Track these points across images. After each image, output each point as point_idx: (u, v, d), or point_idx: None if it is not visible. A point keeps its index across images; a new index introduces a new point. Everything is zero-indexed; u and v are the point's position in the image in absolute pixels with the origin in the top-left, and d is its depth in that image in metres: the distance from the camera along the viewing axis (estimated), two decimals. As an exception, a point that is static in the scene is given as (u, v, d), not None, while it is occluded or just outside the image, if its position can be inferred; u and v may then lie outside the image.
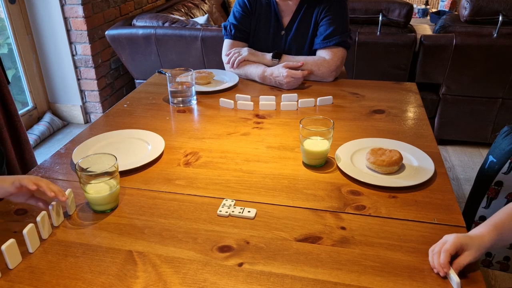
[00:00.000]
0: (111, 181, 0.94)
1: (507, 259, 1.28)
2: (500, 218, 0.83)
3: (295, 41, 1.68)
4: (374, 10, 2.50)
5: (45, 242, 0.86)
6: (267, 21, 1.70)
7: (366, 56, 2.45)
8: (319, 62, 1.62)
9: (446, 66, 2.41)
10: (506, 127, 1.26)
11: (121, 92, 3.30)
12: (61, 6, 2.73)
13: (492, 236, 0.79)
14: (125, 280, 0.77)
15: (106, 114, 1.46)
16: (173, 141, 1.25)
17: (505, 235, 0.81)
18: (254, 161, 1.14)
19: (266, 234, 0.88)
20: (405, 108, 1.46)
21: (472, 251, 0.76)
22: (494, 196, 1.23)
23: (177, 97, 1.50)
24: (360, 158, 1.13)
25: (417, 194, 0.99)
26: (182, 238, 0.87)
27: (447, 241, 0.78)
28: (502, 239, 0.80)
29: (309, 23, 1.65)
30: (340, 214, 0.93)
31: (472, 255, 0.76)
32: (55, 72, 2.98)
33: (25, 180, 0.87)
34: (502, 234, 0.80)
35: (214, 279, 0.77)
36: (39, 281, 0.77)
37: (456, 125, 2.62)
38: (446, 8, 4.39)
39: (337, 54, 1.61)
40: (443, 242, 0.79)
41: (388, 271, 0.78)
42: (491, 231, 0.80)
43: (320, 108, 1.47)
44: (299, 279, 0.76)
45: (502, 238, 0.80)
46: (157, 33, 2.61)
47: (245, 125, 1.35)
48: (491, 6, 2.36)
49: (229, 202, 0.97)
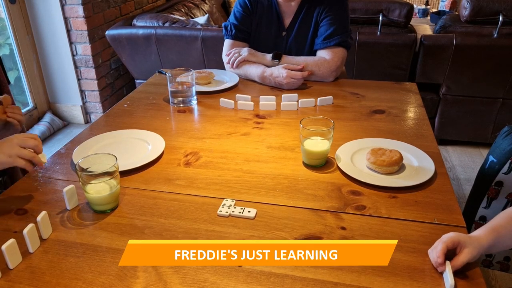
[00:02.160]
0: (111, 181, 0.94)
1: (507, 259, 1.28)
2: (498, 221, 0.83)
3: (296, 42, 1.68)
4: (374, 10, 2.50)
5: (45, 242, 0.86)
6: (268, 21, 1.70)
7: (366, 56, 2.45)
8: (320, 62, 1.62)
9: (446, 66, 2.41)
10: (506, 127, 1.25)
11: (121, 92, 3.30)
12: (61, 6, 2.73)
13: (489, 237, 0.79)
14: (125, 280, 0.77)
15: (106, 114, 1.46)
16: (173, 141, 1.25)
17: (503, 237, 0.81)
18: (254, 161, 1.14)
19: (266, 234, 0.88)
20: (406, 108, 1.46)
21: (470, 249, 0.76)
22: (494, 196, 1.23)
23: (177, 97, 1.50)
24: (360, 158, 1.13)
25: (417, 194, 0.99)
26: (182, 238, 0.87)
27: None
28: (500, 241, 0.80)
29: (310, 24, 1.65)
30: (340, 214, 0.93)
31: (470, 253, 0.76)
32: (56, 72, 2.98)
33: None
34: (500, 236, 0.80)
35: (214, 279, 0.77)
36: (39, 281, 0.77)
37: (457, 125, 2.62)
38: (446, 8, 4.39)
39: (338, 54, 1.61)
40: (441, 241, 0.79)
41: (388, 271, 0.78)
42: (489, 233, 0.80)
43: (320, 108, 1.47)
44: (299, 279, 0.76)
45: (500, 241, 0.80)
46: (157, 33, 2.61)
47: (245, 125, 1.35)
48: (491, 6, 2.36)
49: (229, 202, 0.97)
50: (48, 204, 0.98)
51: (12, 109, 1.16)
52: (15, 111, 1.17)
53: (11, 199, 1.00)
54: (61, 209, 0.96)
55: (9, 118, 1.15)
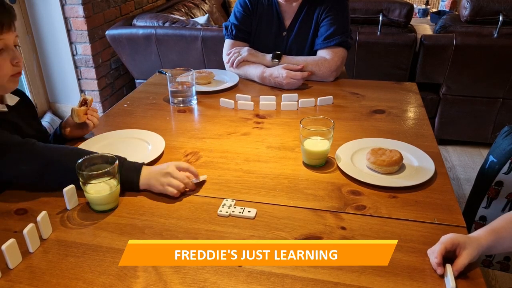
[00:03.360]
0: (111, 181, 0.94)
1: (507, 259, 1.28)
2: (499, 222, 0.83)
3: (296, 42, 1.68)
4: (374, 10, 2.50)
5: (45, 242, 0.86)
6: (268, 21, 1.70)
7: (366, 56, 2.45)
8: (320, 62, 1.62)
9: (446, 66, 2.41)
10: (506, 127, 1.25)
11: (121, 92, 3.30)
12: (61, 6, 2.73)
13: (489, 238, 0.79)
14: (126, 280, 0.77)
15: (106, 114, 1.46)
16: (173, 141, 1.25)
17: (503, 239, 0.81)
18: (254, 161, 1.14)
19: (267, 234, 0.88)
20: (406, 108, 1.46)
21: (470, 250, 0.76)
22: (494, 196, 1.23)
23: (177, 97, 1.50)
24: (361, 158, 1.12)
25: (417, 194, 0.99)
26: (182, 238, 0.87)
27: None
28: (500, 242, 0.80)
29: (310, 24, 1.65)
30: (340, 214, 0.93)
31: (470, 254, 0.76)
32: (56, 72, 2.98)
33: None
34: (500, 238, 0.80)
35: (215, 279, 0.77)
36: (39, 281, 0.77)
37: (457, 125, 2.62)
38: (446, 8, 4.38)
39: (338, 54, 1.61)
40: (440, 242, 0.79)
41: (388, 271, 0.78)
42: (489, 233, 0.80)
43: (320, 108, 1.47)
44: (299, 279, 0.76)
45: (500, 242, 0.80)
46: (158, 33, 2.61)
47: (245, 125, 1.35)
48: (491, 6, 2.36)
49: (229, 202, 0.97)
50: (48, 204, 0.98)
51: (92, 112, 1.25)
52: (93, 114, 1.26)
53: (11, 199, 1.00)
54: (61, 209, 0.96)
55: (88, 120, 1.24)
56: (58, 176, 0.98)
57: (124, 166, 0.99)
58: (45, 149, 1.00)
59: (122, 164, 0.99)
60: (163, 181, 0.99)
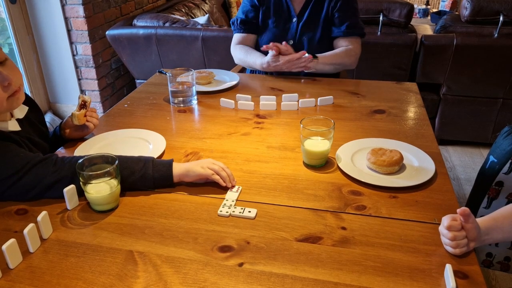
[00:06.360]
0: (112, 181, 0.94)
1: (507, 259, 1.28)
2: (499, 211, 0.86)
3: (307, 28, 1.73)
4: (374, 10, 2.50)
5: (45, 242, 0.86)
6: (277, 10, 1.75)
7: (366, 56, 2.44)
8: (349, 52, 1.72)
9: (446, 66, 2.41)
10: (506, 127, 1.25)
11: (121, 92, 3.30)
12: (61, 6, 2.73)
13: (487, 221, 0.83)
14: (126, 280, 0.77)
15: (106, 114, 1.46)
16: (173, 141, 1.25)
17: (500, 224, 0.83)
18: (254, 161, 1.14)
19: (267, 234, 0.88)
20: (406, 108, 1.46)
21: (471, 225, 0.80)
22: (494, 196, 1.23)
23: (177, 97, 1.50)
24: (361, 158, 1.13)
25: (417, 194, 0.99)
26: (182, 238, 0.87)
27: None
28: (498, 226, 0.83)
29: (321, 10, 1.72)
30: (340, 214, 0.93)
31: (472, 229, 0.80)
32: (56, 72, 2.98)
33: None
34: (497, 223, 0.83)
35: (215, 279, 0.77)
36: (39, 281, 0.77)
37: (457, 125, 2.61)
38: (446, 8, 4.38)
39: (359, 43, 1.75)
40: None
41: (389, 271, 0.78)
42: (488, 219, 0.84)
43: (320, 108, 1.47)
44: (299, 279, 0.76)
45: (497, 225, 0.83)
46: (158, 33, 2.61)
47: (245, 125, 1.35)
48: (491, 6, 2.36)
49: (230, 202, 0.97)
50: (49, 204, 0.98)
51: (91, 113, 1.24)
52: (93, 115, 1.25)
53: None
54: (62, 209, 0.96)
55: (88, 122, 1.23)
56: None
57: (155, 164, 1.01)
58: (67, 163, 0.98)
59: (153, 163, 1.01)
60: (204, 164, 1.01)
